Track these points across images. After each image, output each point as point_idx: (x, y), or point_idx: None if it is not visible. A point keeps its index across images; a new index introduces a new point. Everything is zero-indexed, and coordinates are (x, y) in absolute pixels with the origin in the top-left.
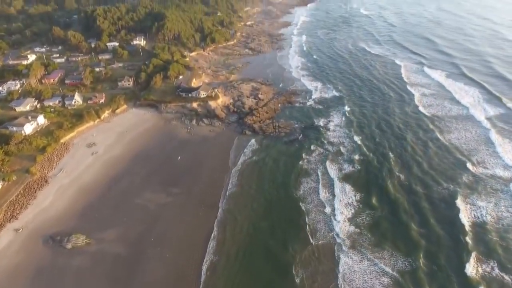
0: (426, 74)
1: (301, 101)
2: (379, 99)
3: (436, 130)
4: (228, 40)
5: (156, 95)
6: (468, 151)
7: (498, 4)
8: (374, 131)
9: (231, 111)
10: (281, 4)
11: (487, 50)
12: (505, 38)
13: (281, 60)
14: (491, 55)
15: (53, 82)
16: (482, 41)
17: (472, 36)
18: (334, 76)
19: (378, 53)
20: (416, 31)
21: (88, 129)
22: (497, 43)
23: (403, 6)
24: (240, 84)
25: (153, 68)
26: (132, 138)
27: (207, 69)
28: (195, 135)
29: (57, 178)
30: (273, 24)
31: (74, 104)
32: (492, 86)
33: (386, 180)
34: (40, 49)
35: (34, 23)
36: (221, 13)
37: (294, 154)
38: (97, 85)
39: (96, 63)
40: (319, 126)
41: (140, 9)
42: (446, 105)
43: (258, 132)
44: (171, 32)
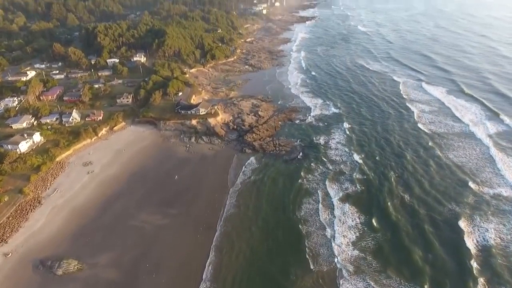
0: (425, 90)
1: (301, 118)
2: (379, 116)
3: (437, 148)
4: (228, 56)
5: (155, 112)
6: (470, 170)
7: (495, 21)
8: (374, 149)
9: (231, 129)
10: (281, 21)
11: (485, 66)
12: (502, 55)
13: (281, 76)
14: (489, 72)
15: (51, 98)
16: (480, 57)
17: (470, 53)
18: (333, 93)
19: (377, 70)
20: (414, 48)
21: (85, 147)
22: (495, 60)
23: (400, 23)
24: (240, 101)
25: (153, 84)
26: (129, 157)
27: (207, 86)
28: (194, 153)
29: (50, 199)
30: (273, 40)
31: (72, 121)
32: (491, 103)
33: (388, 201)
34: (40, 66)
35: (35, 39)
36: (222, 30)
37: (294, 173)
38: (95, 102)
39: (96, 79)
40: (320, 144)
41: (141, 26)
42: (446, 122)
43: (258, 150)
44: (171, 48)
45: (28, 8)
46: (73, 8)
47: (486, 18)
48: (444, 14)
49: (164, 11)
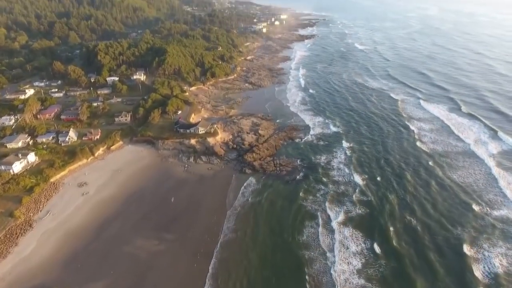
0: (423, 108)
1: (302, 137)
2: (378, 134)
3: (438, 168)
4: (229, 74)
5: (154, 131)
6: (473, 191)
7: (490, 39)
8: (375, 170)
9: (231, 148)
10: (281, 39)
11: (483, 84)
12: (499, 73)
13: (281, 94)
14: (487, 89)
15: (48, 117)
16: (477, 75)
17: (467, 71)
18: (332, 111)
19: (375, 87)
20: (411, 66)
21: (80, 167)
22: (492, 78)
23: (397, 41)
24: (240, 119)
25: (152, 103)
26: (126, 177)
27: (206, 104)
28: (193, 174)
29: (42, 222)
30: (273, 58)
31: (68, 140)
32: (491, 121)
33: (390, 225)
34: (39, 84)
35: (36, 57)
36: (222, 48)
37: (295, 195)
38: (93, 121)
39: (94, 98)
40: (320, 164)
41: (141, 44)
42: (446, 141)
43: (258, 170)
44: (171, 66)
45: (31, 27)
46: (75, 27)
47: (482, 36)
48: (440, 32)
49: (165, 29)
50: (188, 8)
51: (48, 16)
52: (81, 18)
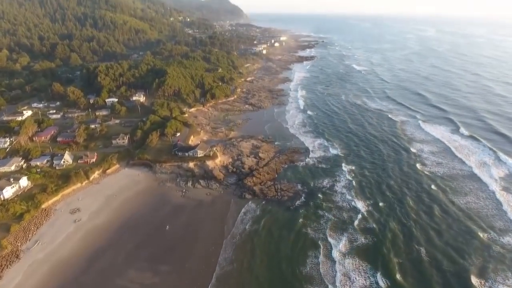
0: (423, 130)
1: (302, 160)
2: (379, 158)
3: (441, 193)
4: (228, 96)
5: (151, 154)
6: (478, 216)
7: (488, 60)
8: (377, 196)
9: (230, 172)
10: (280, 61)
11: (482, 105)
12: (497, 94)
13: (282, 116)
14: (486, 110)
15: (44, 139)
16: (476, 96)
17: (466, 92)
18: (332, 133)
19: (374, 109)
20: (409, 87)
21: (74, 192)
22: (491, 99)
23: (395, 62)
24: (240, 141)
25: (150, 125)
26: (121, 203)
27: (206, 126)
28: (190, 199)
29: (30, 252)
30: (273, 80)
31: (63, 164)
32: (492, 143)
33: (394, 256)
34: (37, 105)
35: (36, 78)
36: (222, 69)
37: (295, 223)
38: (90, 143)
39: (92, 119)
40: (322, 189)
41: (142, 66)
42: (448, 163)
43: (259, 195)
44: (171, 88)
45: (33, 48)
46: (77, 49)
47: (479, 57)
48: (438, 54)
49: (167, 51)
50: (190, 31)
51: (51, 38)
52: (84, 40)
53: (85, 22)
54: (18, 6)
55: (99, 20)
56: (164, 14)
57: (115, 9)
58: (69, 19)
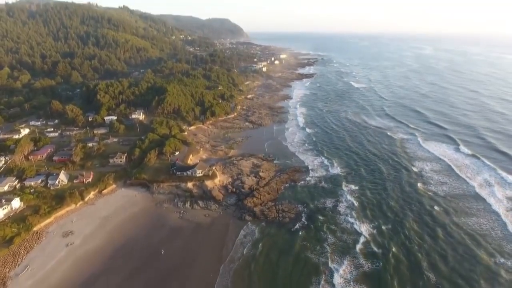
0: (423, 148)
1: (304, 179)
2: (379, 177)
3: (444, 215)
4: (229, 113)
5: (149, 173)
6: (484, 240)
7: (485, 77)
8: (379, 218)
9: (230, 192)
10: (281, 78)
11: (481, 122)
12: (496, 111)
13: (282, 134)
14: (485, 128)
15: (40, 158)
16: (475, 113)
17: (465, 109)
18: (332, 152)
19: (373, 127)
20: (408, 104)
21: (68, 213)
22: (489, 116)
23: (393, 79)
24: (240, 160)
25: (149, 143)
26: (116, 225)
27: (205, 144)
28: (188, 221)
29: (18, 280)
30: (273, 97)
31: (58, 183)
32: (492, 161)
33: (398, 283)
34: (35, 123)
35: (36, 96)
36: (222, 86)
37: (298, 246)
38: (87, 162)
39: (90, 137)
40: (324, 211)
41: (142, 84)
42: (450, 183)
43: (259, 216)
44: (171, 105)
45: (35, 66)
46: (78, 67)
47: (477, 75)
48: (436, 71)
49: (167, 69)
50: (191, 49)
51: (53, 56)
52: (85, 58)
53: (87, 40)
54: (22, 25)
55: (101, 39)
56: (166, 33)
57: (117, 28)
58: (72, 38)
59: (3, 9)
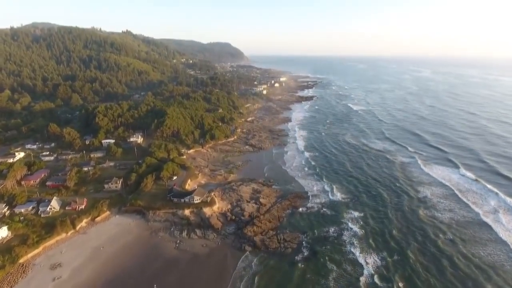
0: (425, 172)
1: (306, 206)
2: (382, 203)
3: (451, 245)
4: (228, 136)
5: (145, 199)
6: (495, 273)
7: (484, 100)
8: (383, 248)
9: (229, 220)
10: (281, 101)
11: (481, 145)
12: (495, 133)
13: (283, 157)
14: (485, 151)
15: (33, 183)
16: (474, 136)
17: (464, 132)
18: (333, 177)
19: (373, 150)
20: (407, 127)
21: (57, 243)
22: (489, 138)
23: (392, 102)
24: (240, 185)
25: (146, 167)
26: (107, 257)
27: (204, 168)
28: (185, 252)
29: None
30: (273, 119)
31: (49, 211)
32: (495, 186)
33: None
34: (31, 146)
35: (34, 119)
36: (222, 109)
37: (301, 280)
38: (81, 187)
39: (86, 162)
40: (327, 240)
41: (142, 106)
42: (454, 209)
43: (260, 247)
44: (170, 128)
45: (36, 89)
46: (79, 89)
47: (475, 97)
48: (434, 94)
49: (168, 92)
50: (192, 72)
51: (54, 79)
52: (86, 81)
53: (89, 64)
54: (25, 48)
55: (104, 62)
56: (167, 57)
57: (119, 51)
58: (74, 61)
59: (8, 33)
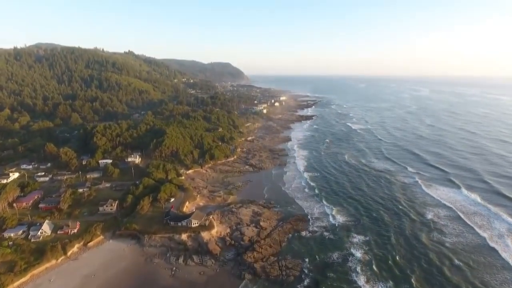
0: (426, 193)
1: (308, 229)
2: (384, 227)
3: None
4: (228, 156)
5: (141, 223)
6: None
7: (484, 119)
8: (389, 277)
9: (228, 244)
10: (281, 120)
11: (483, 166)
12: (496, 153)
13: (283, 178)
14: (487, 171)
15: (26, 205)
16: (476, 156)
17: (464, 151)
18: (334, 200)
19: (373, 170)
20: (407, 146)
21: (47, 270)
22: (490, 158)
23: (391, 121)
24: (239, 207)
25: (143, 189)
26: (99, 285)
27: (203, 189)
28: (181, 280)
29: None
30: (274, 139)
31: (40, 235)
32: (500, 208)
33: None
34: (27, 166)
35: (32, 138)
36: (222, 128)
37: None
38: (75, 210)
39: (82, 182)
40: (332, 267)
41: (141, 126)
42: (460, 233)
43: (261, 274)
44: (169, 148)
45: (36, 108)
46: (79, 108)
47: (475, 116)
48: (434, 112)
49: (168, 111)
50: (192, 91)
51: (55, 98)
52: (87, 100)
53: (91, 83)
54: (28, 68)
55: (105, 82)
56: (169, 76)
57: (121, 71)
58: (76, 81)
59: (11, 53)
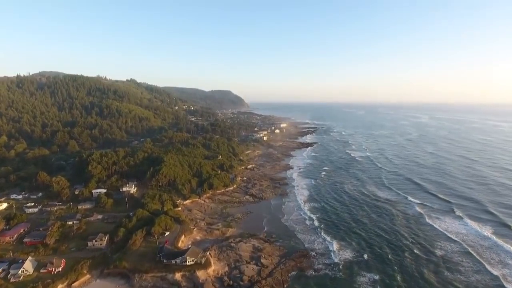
0: (430, 225)
1: (313, 267)
2: (390, 262)
3: None
4: (228, 185)
5: (132, 260)
6: None
7: (485, 146)
8: None
9: (226, 285)
10: (281, 147)
11: (488, 197)
12: (500, 182)
13: (285, 209)
14: (491, 201)
15: (9, 240)
16: (479, 185)
17: (467, 180)
18: (336, 233)
19: (375, 201)
20: (408, 175)
21: None
22: (494, 188)
23: (390, 149)
24: (239, 242)
25: (136, 221)
26: None
27: (200, 221)
28: None
29: None
30: (274, 167)
31: (21, 274)
32: (508, 242)
33: None
34: (17, 196)
35: (25, 166)
36: (222, 156)
37: None
38: (62, 245)
39: (72, 214)
40: None
41: (139, 154)
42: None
43: None
44: (166, 177)
45: (33, 135)
46: (77, 136)
47: (476, 144)
48: (434, 140)
49: (167, 138)
50: (193, 118)
51: (54, 125)
52: (86, 127)
53: (91, 110)
54: (29, 95)
55: (105, 109)
56: (170, 104)
57: (122, 98)
58: (76, 108)
59: (13, 81)
